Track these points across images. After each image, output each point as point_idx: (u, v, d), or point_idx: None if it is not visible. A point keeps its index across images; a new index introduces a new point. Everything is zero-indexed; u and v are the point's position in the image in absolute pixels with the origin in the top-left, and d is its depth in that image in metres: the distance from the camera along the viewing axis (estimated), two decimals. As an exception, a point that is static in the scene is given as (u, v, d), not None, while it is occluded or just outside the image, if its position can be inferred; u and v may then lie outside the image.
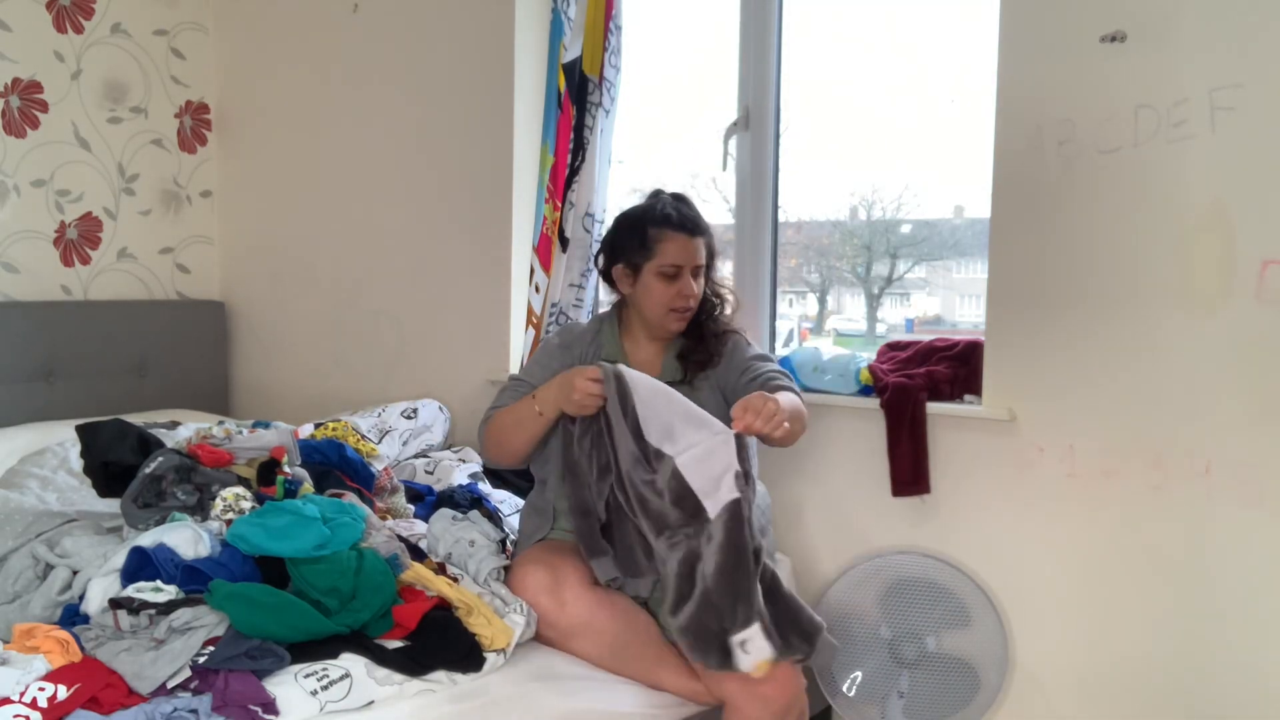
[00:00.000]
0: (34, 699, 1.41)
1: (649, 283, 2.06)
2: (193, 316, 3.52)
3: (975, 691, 2.18)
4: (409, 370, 3.20)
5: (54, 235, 3.23)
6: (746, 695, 1.74)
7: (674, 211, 2.07)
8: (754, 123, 2.65)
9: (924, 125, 2.56)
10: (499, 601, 1.85)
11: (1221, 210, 1.93)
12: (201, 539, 1.79)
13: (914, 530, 2.34)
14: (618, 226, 2.13)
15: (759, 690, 1.73)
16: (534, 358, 2.19)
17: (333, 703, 1.54)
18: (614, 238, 2.13)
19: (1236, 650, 1.98)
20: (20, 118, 3.12)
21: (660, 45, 2.92)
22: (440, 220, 3.11)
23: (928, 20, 2.56)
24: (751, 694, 1.74)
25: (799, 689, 1.79)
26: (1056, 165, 2.10)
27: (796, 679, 1.79)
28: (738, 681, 1.74)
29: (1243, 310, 1.93)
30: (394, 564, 1.83)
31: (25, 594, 1.80)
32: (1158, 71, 1.98)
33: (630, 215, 2.12)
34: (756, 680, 1.70)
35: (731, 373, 2.09)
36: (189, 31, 3.53)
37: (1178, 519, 2.02)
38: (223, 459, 2.08)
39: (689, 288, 2.05)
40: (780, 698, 1.74)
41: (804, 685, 1.83)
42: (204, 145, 3.61)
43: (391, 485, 2.40)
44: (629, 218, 2.12)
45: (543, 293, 2.70)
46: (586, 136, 2.61)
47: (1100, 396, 2.09)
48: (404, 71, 3.16)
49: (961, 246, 2.80)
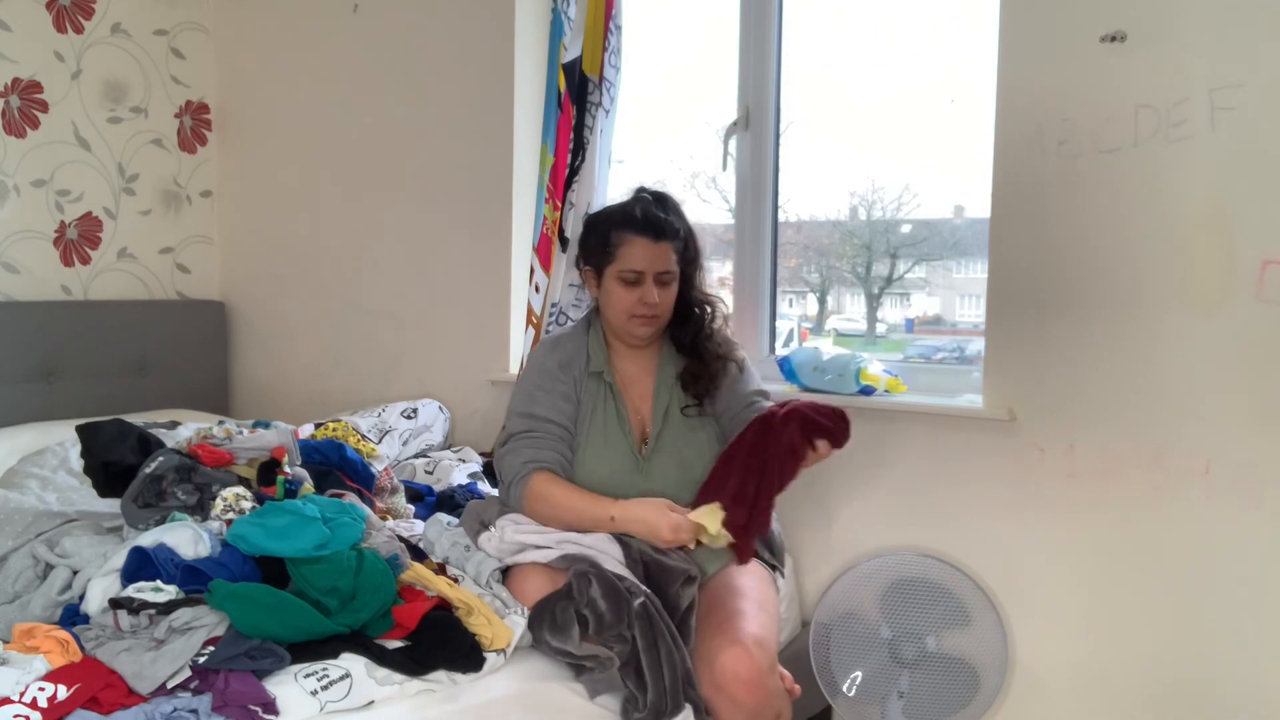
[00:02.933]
0: (34, 699, 1.41)
1: (610, 287, 2.01)
2: (193, 316, 3.52)
3: (975, 691, 2.18)
4: (409, 370, 3.20)
5: (54, 235, 3.23)
6: (718, 698, 1.72)
7: (640, 213, 1.99)
8: (754, 122, 2.65)
9: (924, 125, 2.56)
10: (499, 603, 1.84)
11: (1221, 210, 1.93)
12: (201, 539, 1.79)
13: (914, 530, 2.33)
14: (585, 227, 2.10)
15: (729, 693, 1.71)
16: (534, 382, 2.04)
17: (333, 703, 1.54)
18: (583, 238, 2.09)
19: (1236, 650, 1.98)
20: (20, 118, 3.12)
21: (660, 45, 2.92)
22: (440, 220, 3.11)
23: (928, 19, 2.56)
24: (722, 697, 1.72)
25: (772, 691, 1.76)
26: (1056, 165, 2.10)
27: (769, 681, 1.76)
28: (709, 685, 1.73)
29: (1243, 310, 1.93)
30: (394, 564, 1.83)
31: (25, 594, 1.80)
32: (1158, 71, 1.98)
33: (596, 215, 2.08)
34: (727, 683, 1.71)
35: (733, 401, 2.06)
36: (189, 31, 3.53)
37: (1178, 519, 2.02)
38: (223, 459, 2.08)
39: (651, 295, 1.97)
40: (750, 700, 1.72)
41: (780, 689, 1.80)
42: (204, 145, 3.61)
43: (391, 485, 2.40)
44: (595, 218, 2.07)
45: (543, 293, 2.70)
46: (586, 136, 2.61)
47: (1100, 396, 2.09)
48: (404, 71, 3.16)
49: (961, 246, 2.80)
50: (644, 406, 2.06)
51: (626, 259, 1.98)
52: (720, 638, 1.77)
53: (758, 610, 1.86)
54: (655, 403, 2.05)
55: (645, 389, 2.07)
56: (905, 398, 2.40)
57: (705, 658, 1.76)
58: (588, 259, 2.05)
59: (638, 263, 1.97)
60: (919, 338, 2.88)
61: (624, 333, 2.04)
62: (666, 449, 2.02)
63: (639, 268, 1.97)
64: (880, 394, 2.40)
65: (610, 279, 2.01)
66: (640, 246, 1.97)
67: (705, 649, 1.78)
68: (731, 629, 1.78)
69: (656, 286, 1.99)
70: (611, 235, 1.99)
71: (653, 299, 1.98)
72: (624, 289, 1.99)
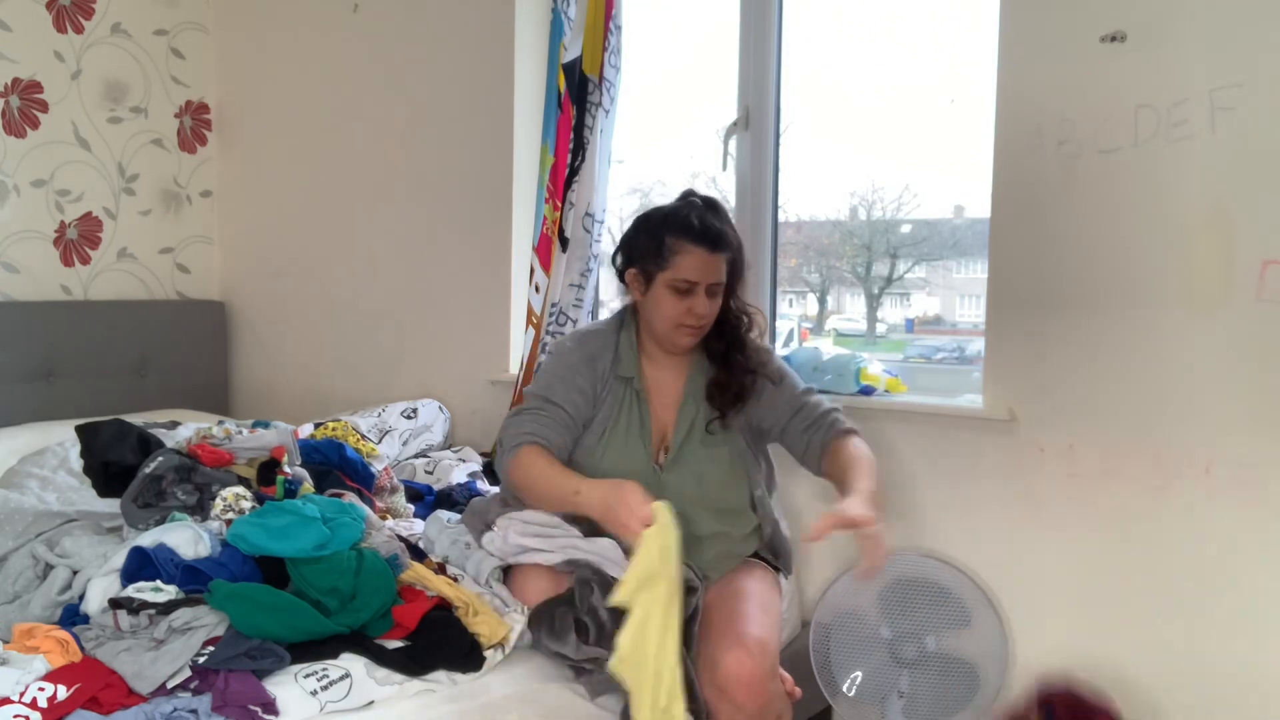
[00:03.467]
0: (34, 699, 1.41)
1: (659, 294, 1.92)
2: (193, 316, 3.53)
3: (975, 691, 2.18)
4: (409, 370, 3.20)
5: (54, 235, 3.23)
6: (720, 700, 1.72)
7: (698, 221, 1.90)
8: (754, 123, 2.65)
9: (924, 125, 2.56)
10: (499, 601, 1.84)
11: (1221, 210, 1.93)
12: (201, 539, 1.79)
13: (914, 530, 2.33)
14: (636, 227, 1.98)
15: (731, 696, 1.71)
16: (555, 371, 2.00)
17: (333, 703, 1.54)
18: (631, 239, 1.98)
19: (1236, 650, 1.98)
20: (20, 118, 3.12)
21: (660, 45, 2.92)
22: (440, 220, 3.11)
23: (928, 19, 2.56)
24: (724, 699, 1.72)
25: (773, 694, 1.76)
26: (1056, 165, 2.10)
27: (771, 684, 1.76)
28: (711, 687, 1.73)
29: (1243, 310, 1.92)
30: (394, 564, 1.83)
31: (25, 594, 1.80)
32: (1158, 71, 1.98)
33: (651, 217, 1.97)
34: (729, 686, 1.70)
35: (775, 411, 2.00)
36: (189, 31, 3.53)
37: (1178, 519, 2.02)
38: (223, 459, 2.08)
39: (702, 305, 1.91)
40: (751, 703, 1.71)
41: (780, 692, 1.80)
42: (204, 145, 3.61)
43: (391, 485, 2.40)
44: (650, 220, 1.96)
45: (543, 293, 2.70)
46: (586, 136, 2.61)
47: (1100, 396, 2.09)
48: (404, 71, 3.16)
49: (961, 246, 2.80)
50: (667, 416, 2.01)
51: (682, 268, 1.89)
52: (723, 640, 1.77)
53: (761, 613, 1.85)
54: (680, 414, 2.00)
55: (671, 398, 2.02)
56: (905, 398, 2.40)
57: (707, 660, 1.76)
58: (635, 260, 1.96)
59: (693, 273, 1.89)
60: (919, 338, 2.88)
61: (667, 341, 1.98)
62: (685, 462, 1.98)
63: (694, 279, 1.89)
64: (880, 394, 2.41)
65: (661, 285, 1.92)
66: (697, 257, 1.89)
67: (707, 651, 1.77)
68: (734, 631, 1.78)
69: (707, 298, 1.92)
70: (668, 241, 1.90)
71: (703, 310, 1.91)
72: (675, 298, 1.91)
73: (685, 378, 2.03)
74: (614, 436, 1.97)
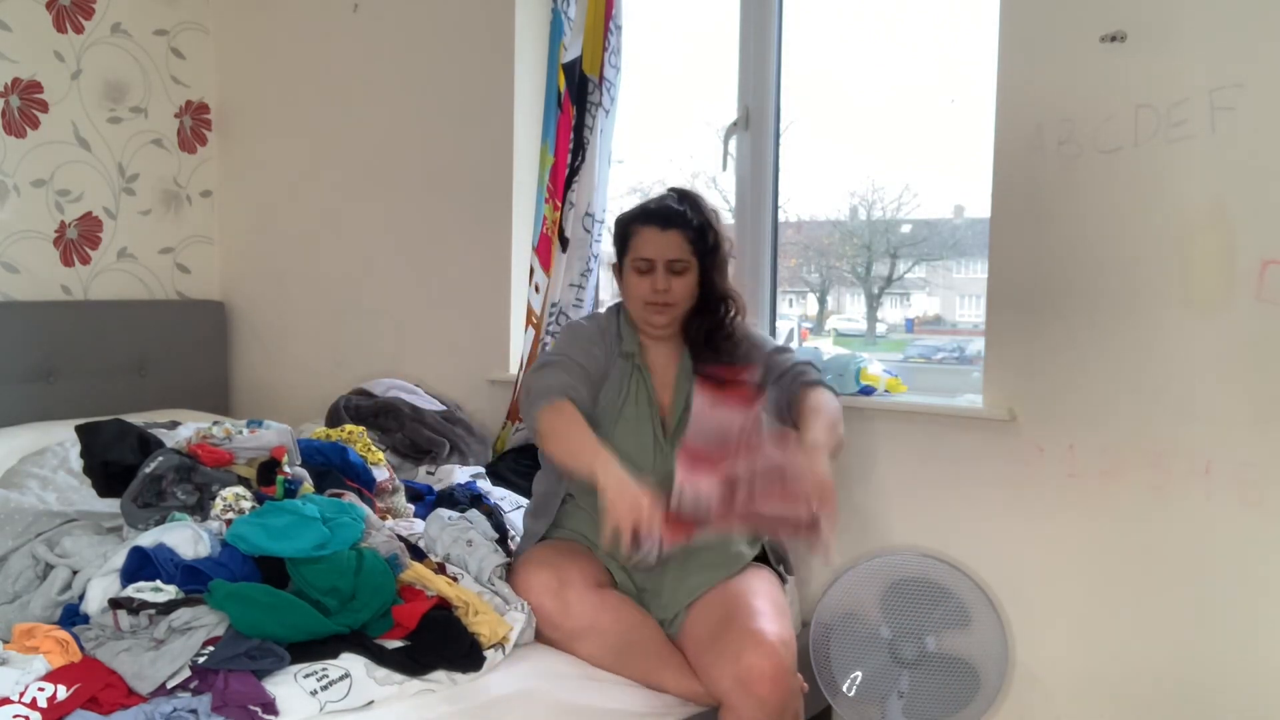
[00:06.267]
0: (34, 699, 1.41)
1: (629, 278, 2.07)
2: (193, 316, 3.52)
3: (975, 691, 2.18)
4: (409, 370, 3.20)
5: (54, 235, 3.23)
6: (741, 694, 1.74)
7: (654, 204, 2.06)
8: (754, 122, 2.65)
9: (924, 125, 2.56)
10: (499, 600, 1.85)
11: (1221, 210, 1.93)
12: (201, 539, 1.79)
13: (914, 530, 2.33)
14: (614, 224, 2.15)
15: (754, 690, 1.73)
16: (569, 338, 2.11)
17: (332, 703, 1.54)
18: (613, 236, 2.15)
19: (1236, 650, 1.98)
20: (20, 118, 3.12)
21: (660, 45, 2.92)
22: (440, 220, 3.11)
23: (928, 19, 2.56)
24: (746, 693, 1.73)
25: (793, 690, 1.79)
26: (1056, 165, 2.10)
27: (792, 680, 1.79)
28: (733, 681, 1.74)
29: (1243, 310, 1.92)
30: (394, 564, 1.83)
31: (25, 594, 1.80)
32: (1158, 71, 1.98)
33: (622, 212, 2.14)
34: (752, 680, 1.72)
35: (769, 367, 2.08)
36: (189, 31, 3.53)
37: (1178, 519, 2.02)
38: (223, 459, 2.08)
39: (662, 281, 2.01)
40: (774, 698, 1.73)
41: (800, 688, 1.83)
42: (204, 145, 3.61)
43: (392, 485, 2.40)
44: (619, 216, 2.13)
45: (543, 292, 2.70)
46: (586, 136, 2.61)
47: (1100, 396, 2.09)
48: (404, 71, 3.15)
49: (961, 246, 2.80)
50: (665, 395, 2.09)
51: (637, 248, 2.03)
52: (746, 637, 1.79)
53: (777, 613, 1.88)
54: (675, 394, 2.08)
55: (668, 379, 2.10)
56: (905, 398, 2.41)
57: (729, 654, 1.77)
58: (617, 254, 2.12)
59: (648, 250, 2.02)
60: (919, 338, 2.88)
61: (642, 321, 2.08)
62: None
63: (648, 255, 2.02)
64: (880, 394, 2.41)
65: (628, 270, 2.06)
66: (648, 235, 2.02)
67: (728, 646, 1.79)
68: (756, 628, 1.80)
69: (669, 275, 2.02)
70: (628, 228, 2.06)
71: (663, 285, 2.01)
72: (638, 277, 2.04)
73: (678, 360, 2.11)
74: (626, 408, 2.04)
